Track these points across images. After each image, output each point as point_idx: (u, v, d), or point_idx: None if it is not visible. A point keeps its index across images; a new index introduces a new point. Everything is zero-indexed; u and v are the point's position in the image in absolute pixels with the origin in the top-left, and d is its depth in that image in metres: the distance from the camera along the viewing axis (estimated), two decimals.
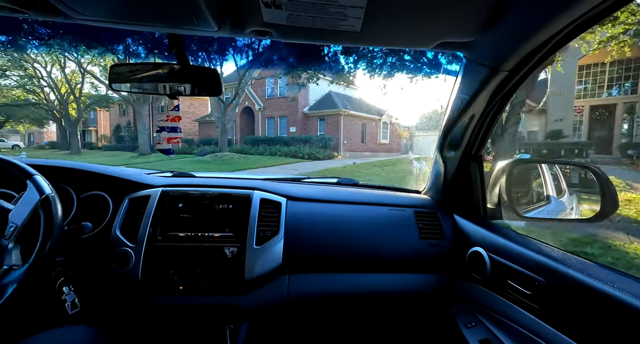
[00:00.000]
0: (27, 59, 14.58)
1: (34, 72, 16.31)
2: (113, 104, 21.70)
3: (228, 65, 21.35)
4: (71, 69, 15.55)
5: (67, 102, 17.30)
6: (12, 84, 17.87)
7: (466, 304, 0.94)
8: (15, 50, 13.19)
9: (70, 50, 7.54)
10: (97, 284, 0.93)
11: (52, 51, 10.56)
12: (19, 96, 19.09)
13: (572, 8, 0.51)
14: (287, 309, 0.96)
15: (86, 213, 0.99)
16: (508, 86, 0.78)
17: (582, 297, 0.60)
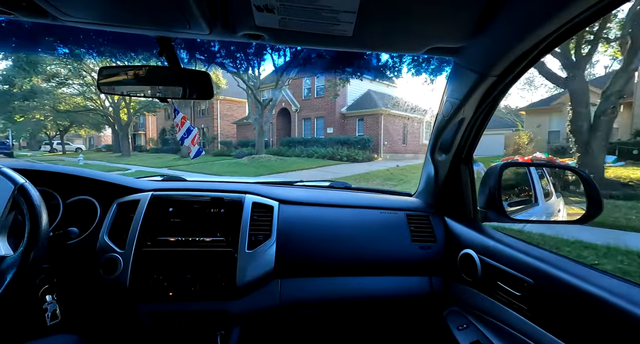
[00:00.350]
0: (86, 69, 15.47)
1: (92, 80, 17.71)
2: (159, 109, 22.85)
3: (265, 66, 20.98)
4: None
5: (119, 108, 18.47)
6: (74, 92, 19.62)
7: (457, 306, 0.93)
8: (74, 60, 13.82)
9: (123, 57, 7.74)
10: (82, 292, 0.89)
11: (103, 59, 10.92)
12: (80, 102, 21.04)
13: (559, 14, 0.53)
14: (279, 314, 0.93)
15: (73, 219, 0.95)
16: (496, 91, 0.79)
17: (569, 298, 0.62)
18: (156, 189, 1.05)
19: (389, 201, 1.18)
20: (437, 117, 0.97)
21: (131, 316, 0.90)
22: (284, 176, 9.34)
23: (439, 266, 1.03)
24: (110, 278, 0.88)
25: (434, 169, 1.09)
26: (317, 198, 1.15)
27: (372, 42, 0.75)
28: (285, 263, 0.97)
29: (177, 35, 0.74)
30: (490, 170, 0.96)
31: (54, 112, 20.78)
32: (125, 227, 0.94)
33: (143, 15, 0.65)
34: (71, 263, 0.92)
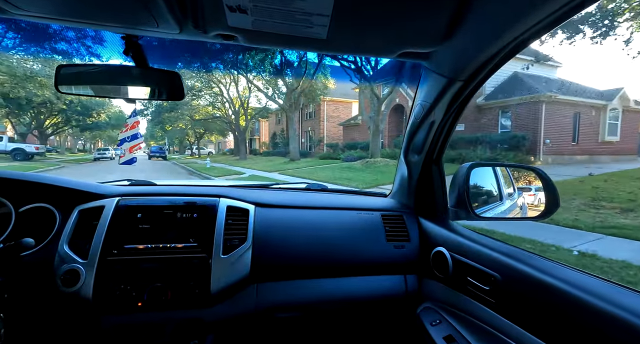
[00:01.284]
0: (214, 80, 16.45)
1: (219, 91, 20.35)
2: (271, 114, 23.43)
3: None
4: (242, 86, 17.41)
5: (239, 115, 19.00)
6: (205, 103, 22.57)
7: (431, 302, 0.99)
8: (205, 72, 14.29)
9: (243, 70, 7.09)
10: (37, 308, 0.85)
11: (226, 72, 10.66)
12: (209, 111, 22.34)
13: (519, 23, 0.57)
14: (255, 319, 0.95)
15: (28, 228, 0.89)
16: (463, 95, 0.84)
17: (533, 290, 0.67)
18: (123, 194, 1.01)
19: (365, 202, 1.22)
20: (409, 120, 1.04)
21: (96, 330, 0.84)
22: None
23: (413, 264, 1.08)
24: (70, 291, 0.82)
25: (407, 170, 1.15)
26: (294, 200, 1.17)
27: (345, 45, 0.78)
28: (262, 267, 0.96)
29: (144, 33, 0.71)
30: (459, 170, 0.99)
31: (191, 121, 24.35)
32: (89, 235, 0.89)
33: (106, 11, 0.63)
34: (25, 277, 0.84)
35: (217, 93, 19.66)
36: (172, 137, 34.03)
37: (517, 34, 0.60)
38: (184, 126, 26.88)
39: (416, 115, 1.01)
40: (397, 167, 1.24)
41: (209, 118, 22.90)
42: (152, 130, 42.02)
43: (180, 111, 20.38)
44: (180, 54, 10.34)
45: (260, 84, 17.05)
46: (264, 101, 20.20)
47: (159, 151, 28.89)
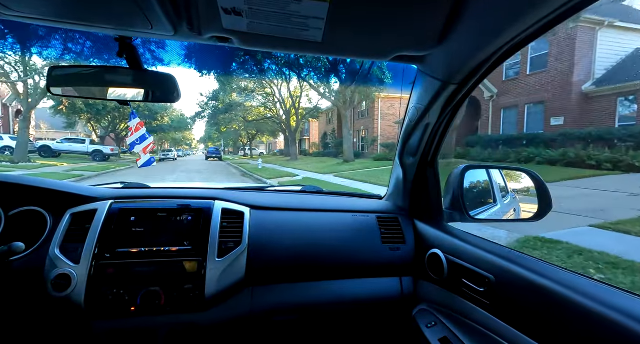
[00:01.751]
0: (266, 80, 17.30)
1: (271, 91, 20.42)
2: (321, 114, 22.52)
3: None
4: (294, 85, 16.92)
5: (290, 115, 21.14)
6: (257, 104, 22.87)
7: (426, 304, 1.00)
8: (259, 72, 13.79)
9: (296, 67, 6.80)
10: (27, 313, 0.85)
11: (278, 72, 9.97)
12: (262, 112, 24.66)
13: (512, 27, 0.58)
14: (251, 323, 0.96)
15: (18, 232, 0.89)
16: (457, 98, 0.86)
17: (527, 292, 0.68)
18: (116, 197, 1.01)
19: (361, 204, 1.23)
20: (404, 122, 1.05)
21: (87, 336, 0.85)
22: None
23: (408, 266, 1.09)
24: (61, 295, 0.82)
25: (403, 172, 1.16)
26: (289, 203, 1.17)
27: (340, 48, 0.79)
28: (257, 270, 0.97)
29: (138, 35, 0.73)
30: (453, 173, 1.01)
31: (245, 122, 24.95)
32: (81, 239, 0.89)
33: (99, 12, 0.63)
34: (15, 282, 0.84)
35: (269, 93, 19.34)
36: (227, 138, 35.69)
37: (510, 37, 0.62)
38: (238, 128, 27.61)
39: (411, 117, 1.02)
40: (392, 170, 1.25)
41: (261, 119, 23.41)
42: (209, 132, 44.62)
43: (234, 112, 20.59)
44: (235, 54, 9.89)
45: (312, 81, 16.20)
46: (315, 100, 20.07)
47: (215, 152, 30.30)
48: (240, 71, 13.40)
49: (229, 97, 19.80)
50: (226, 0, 0.57)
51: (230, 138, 36.07)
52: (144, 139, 2.18)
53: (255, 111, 23.67)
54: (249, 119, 23.72)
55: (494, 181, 1.25)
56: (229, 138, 35.62)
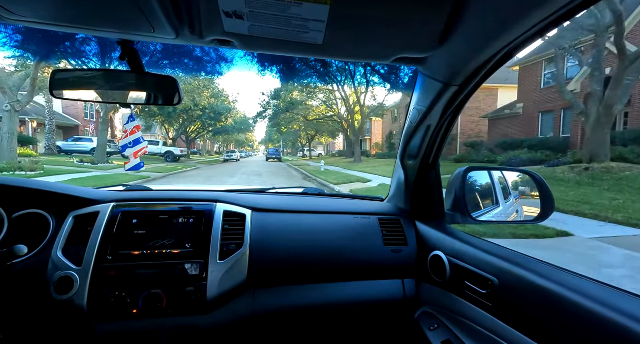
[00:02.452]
0: (330, 77, 14.76)
1: (333, 89, 19.63)
2: (386, 112, 20.08)
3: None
4: (357, 81, 15.28)
5: (354, 113, 20.34)
6: (319, 103, 22.24)
7: (429, 307, 1.02)
8: (322, 69, 12.13)
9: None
10: (30, 316, 0.88)
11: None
12: (323, 111, 20.31)
13: (512, 28, 0.60)
14: (252, 326, 0.98)
15: (20, 235, 0.91)
16: (458, 100, 0.87)
17: (530, 294, 0.69)
18: (118, 200, 1.03)
19: (362, 206, 1.24)
20: (405, 124, 1.08)
21: (89, 338, 0.88)
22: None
23: (410, 268, 1.10)
24: (64, 298, 0.84)
25: (404, 174, 1.18)
26: (291, 205, 1.18)
27: (341, 50, 0.80)
28: (259, 272, 0.98)
29: (140, 38, 0.74)
30: (455, 174, 1.04)
31: (305, 122, 24.52)
32: (83, 242, 0.91)
33: (101, 16, 0.64)
34: (18, 284, 0.87)
35: (331, 90, 17.78)
36: (286, 140, 35.29)
37: (511, 39, 0.63)
38: (298, 128, 26.67)
39: (412, 119, 1.03)
40: (394, 172, 1.27)
41: (322, 118, 22.95)
42: (269, 133, 45.48)
43: (295, 111, 19.56)
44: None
45: (375, 78, 14.07)
46: (381, 96, 19.08)
47: (275, 153, 30.00)
48: (303, 67, 12.30)
49: (290, 96, 18.83)
50: (227, 4, 0.59)
51: (290, 139, 35.99)
52: (138, 143, 2.64)
53: (316, 110, 22.44)
54: (309, 118, 22.59)
55: (496, 182, 1.25)
56: (288, 139, 35.59)
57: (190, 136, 24.90)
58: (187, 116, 20.66)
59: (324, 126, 25.78)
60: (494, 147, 14.01)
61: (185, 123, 22.38)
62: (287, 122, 23.61)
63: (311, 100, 21.24)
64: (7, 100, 10.12)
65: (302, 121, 23.85)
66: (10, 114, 10.21)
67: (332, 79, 17.53)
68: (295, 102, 20.76)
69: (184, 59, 12.06)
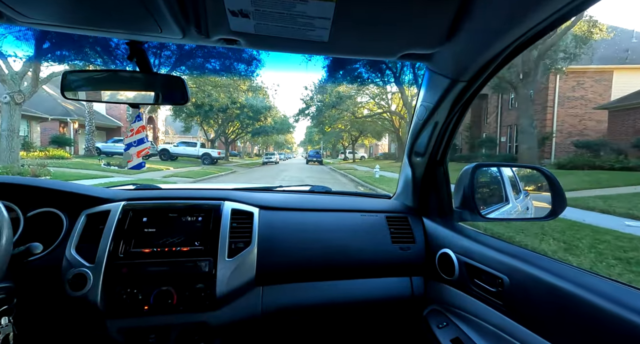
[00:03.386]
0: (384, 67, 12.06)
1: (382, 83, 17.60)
2: None
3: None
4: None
5: (412, 108, 12.18)
6: (367, 99, 20.19)
7: (437, 305, 1.05)
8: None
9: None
10: (45, 312, 0.95)
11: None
12: (373, 108, 21.30)
13: (521, 23, 0.61)
14: (261, 323, 1.04)
15: (35, 233, 0.99)
16: (466, 96, 0.89)
17: (542, 292, 0.70)
18: (129, 199, 1.09)
19: (370, 204, 1.28)
20: (412, 121, 1.11)
21: (102, 333, 0.94)
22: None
23: (418, 266, 1.14)
24: (77, 295, 0.89)
25: (411, 171, 1.21)
26: (298, 203, 1.23)
27: (347, 47, 0.82)
28: (267, 269, 1.04)
29: (148, 39, 0.77)
30: (463, 171, 1.06)
31: (351, 121, 22.14)
32: (95, 240, 0.97)
33: (110, 17, 0.67)
34: (33, 281, 0.94)
35: (383, 83, 15.18)
36: (327, 140, 32.37)
37: (519, 34, 0.63)
38: (343, 127, 23.70)
39: (419, 116, 1.03)
40: (401, 169, 1.31)
41: (373, 115, 21.04)
42: (310, 134, 43.40)
43: (342, 107, 16.81)
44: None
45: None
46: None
47: (316, 155, 27.36)
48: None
49: (336, 90, 16.12)
50: (233, 3, 0.60)
51: (331, 140, 33.12)
52: (142, 142, 2.40)
53: (365, 107, 19.48)
54: (358, 114, 19.60)
55: (506, 179, 1.24)
56: (329, 140, 32.70)
57: (229, 137, 23.43)
58: (224, 115, 19.09)
59: (371, 125, 24.05)
60: (628, 147, 9.78)
61: (224, 123, 20.86)
62: (332, 120, 21.15)
63: (360, 95, 20.04)
64: (6, 89, 8.86)
65: (348, 119, 21.12)
66: (10, 106, 8.91)
67: (382, 75, 14.65)
68: (343, 96, 18.14)
69: (224, 60, 10.36)
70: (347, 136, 30.92)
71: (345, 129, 26.88)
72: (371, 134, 28.52)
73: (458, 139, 20.11)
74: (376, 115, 21.31)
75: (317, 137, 36.31)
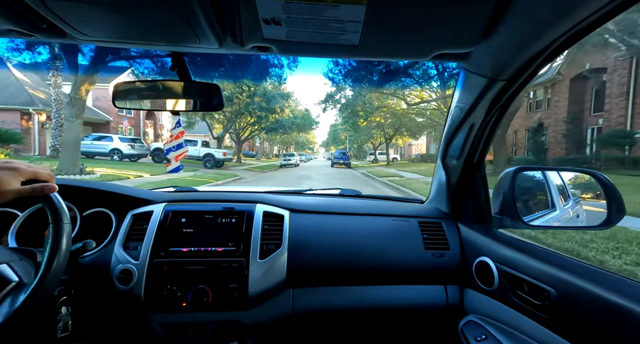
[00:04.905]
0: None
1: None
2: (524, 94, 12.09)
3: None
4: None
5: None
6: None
7: (475, 316, 1.02)
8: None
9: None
10: (97, 303, 1.07)
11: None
12: (422, 95, 17.20)
13: (566, 18, 0.58)
14: (292, 324, 1.11)
15: (89, 231, 1.14)
16: (506, 95, 0.88)
17: (597, 310, 0.66)
18: (169, 200, 1.21)
19: (401, 208, 1.30)
20: (446, 123, 1.14)
21: (145, 326, 1.05)
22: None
23: (454, 274, 1.14)
24: (124, 289, 1.01)
25: (446, 175, 1.23)
26: (328, 206, 1.28)
27: (378, 50, 0.82)
28: (297, 272, 1.10)
29: (187, 49, 0.85)
30: (503, 175, 1.04)
31: (395, 112, 18.37)
32: (140, 238, 1.09)
33: (156, 31, 0.75)
34: (86, 275, 1.06)
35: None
36: (357, 139, 26.90)
37: (567, 27, 0.60)
38: (383, 121, 18.56)
39: (454, 117, 1.03)
40: (435, 173, 1.33)
41: (428, 101, 16.93)
42: (334, 133, 38.55)
43: (388, 89, 12.43)
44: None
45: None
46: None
47: (343, 156, 22.73)
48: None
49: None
50: (266, 11, 0.63)
51: (357, 140, 27.87)
52: (180, 147, 2.87)
53: (416, 91, 14.86)
54: (410, 102, 14.84)
55: (552, 184, 1.17)
56: (358, 139, 27.45)
57: (241, 134, 19.36)
58: (232, 107, 15.04)
59: (408, 122, 20.39)
60: None
61: (232, 117, 16.74)
62: (371, 110, 16.18)
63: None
64: None
65: (397, 108, 16.15)
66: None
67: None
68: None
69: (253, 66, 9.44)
70: (379, 134, 26.15)
71: (384, 124, 23.17)
72: (408, 132, 23.67)
73: (538, 138, 14.66)
74: (433, 101, 17.67)
75: (344, 135, 31.60)
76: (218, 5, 0.61)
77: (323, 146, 73.98)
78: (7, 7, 0.59)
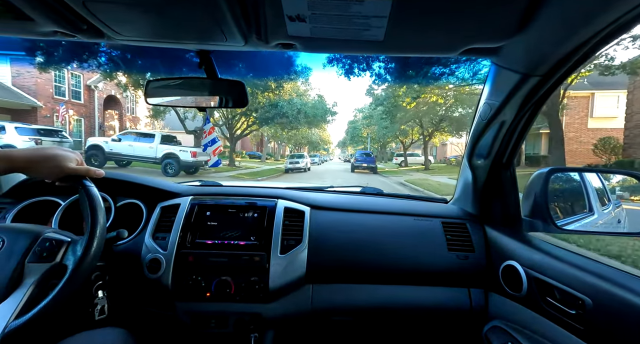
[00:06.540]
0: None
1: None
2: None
3: None
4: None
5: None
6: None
7: (500, 321, 1.08)
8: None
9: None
10: (128, 289, 1.28)
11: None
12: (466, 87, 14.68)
13: (613, 6, 0.57)
14: (311, 320, 1.24)
15: (122, 220, 1.37)
16: (541, 92, 0.89)
17: (634, 321, 0.67)
18: (195, 194, 1.40)
19: (424, 208, 1.38)
20: (474, 120, 1.20)
21: (172, 314, 1.23)
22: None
23: (478, 277, 1.20)
24: (153, 277, 1.18)
25: (472, 175, 1.29)
26: (349, 204, 1.39)
27: (403, 45, 0.85)
28: (317, 268, 1.23)
29: (214, 47, 0.94)
30: (535, 176, 1.06)
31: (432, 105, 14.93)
32: (168, 229, 1.27)
33: (185, 30, 0.84)
34: (119, 262, 1.24)
35: None
36: (389, 133, 20.66)
37: (614, 18, 0.58)
38: (442, 100, 13.37)
39: (482, 115, 1.06)
40: (460, 172, 1.39)
41: (465, 93, 13.00)
42: (353, 130, 32.87)
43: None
44: None
45: None
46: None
47: (367, 158, 19.06)
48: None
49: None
50: (291, 8, 0.67)
51: (387, 135, 21.93)
52: (214, 142, 2.91)
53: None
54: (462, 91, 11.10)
55: (589, 186, 1.12)
56: (389, 134, 21.47)
57: (235, 128, 14.56)
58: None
59: (451, 116, 16.90)
60: None
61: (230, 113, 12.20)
62: (418, 91, 11.03)
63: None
64: None
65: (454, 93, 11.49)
66: None
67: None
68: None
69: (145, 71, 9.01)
70: (414, 131, 20.65)
71: (437, 112, 18.07)
72: (449, 128, 18.23)
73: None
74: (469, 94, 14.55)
75: (366, 132, 25.90)
76: (245, 4, 0.64)
77: (339, 146, 68.03)
78: (52, 9, 0.66)
